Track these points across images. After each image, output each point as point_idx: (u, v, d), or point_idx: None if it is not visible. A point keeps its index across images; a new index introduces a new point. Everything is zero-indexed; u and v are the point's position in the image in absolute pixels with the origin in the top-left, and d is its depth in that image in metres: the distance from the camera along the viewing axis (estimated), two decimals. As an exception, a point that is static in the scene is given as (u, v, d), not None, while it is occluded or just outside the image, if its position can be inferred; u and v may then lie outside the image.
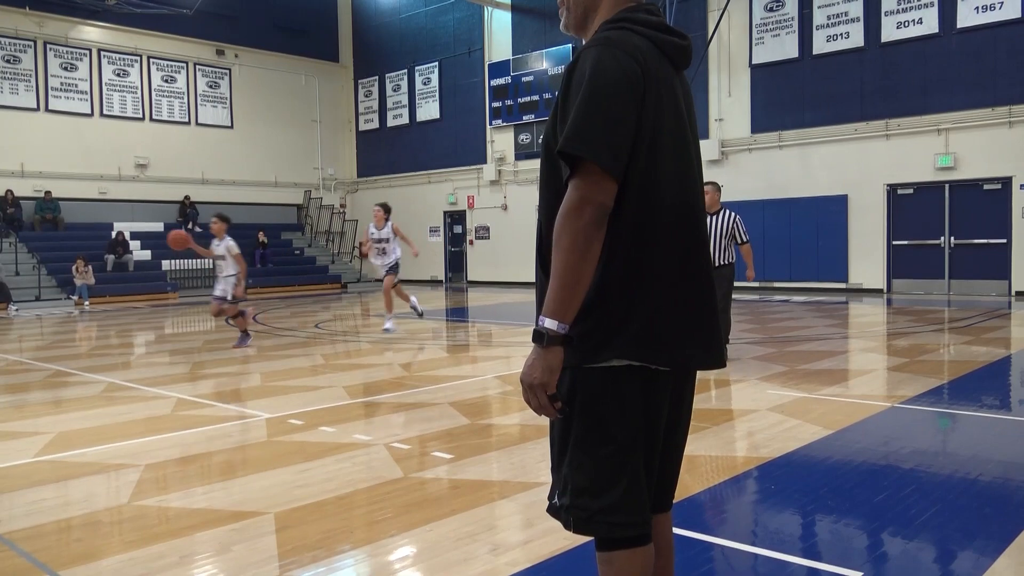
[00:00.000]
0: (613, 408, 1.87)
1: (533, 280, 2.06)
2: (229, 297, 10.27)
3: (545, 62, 22.38)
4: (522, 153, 23.28)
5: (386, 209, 11.85)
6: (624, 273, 1.84)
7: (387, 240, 11.63)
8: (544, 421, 5.60)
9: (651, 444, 1.96)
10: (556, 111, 1.89)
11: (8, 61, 21.28)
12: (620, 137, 1.78)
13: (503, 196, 23.84)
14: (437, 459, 4.79)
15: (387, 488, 4.22)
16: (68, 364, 9.27)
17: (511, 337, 11.41)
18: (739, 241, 8.06)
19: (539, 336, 1.79)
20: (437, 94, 25.52)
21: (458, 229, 25.67)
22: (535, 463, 4.64)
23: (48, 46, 21.91)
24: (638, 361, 1.85)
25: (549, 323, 1.78)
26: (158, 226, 23.40)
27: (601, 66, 1.80)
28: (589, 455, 1.88)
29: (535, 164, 22.47)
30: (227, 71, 25.45)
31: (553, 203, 1.89)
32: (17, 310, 17.87)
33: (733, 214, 7.98)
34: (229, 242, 10.28)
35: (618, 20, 1.92)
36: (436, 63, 25.37)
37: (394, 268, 11.82)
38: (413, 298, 12.44)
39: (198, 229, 23.78)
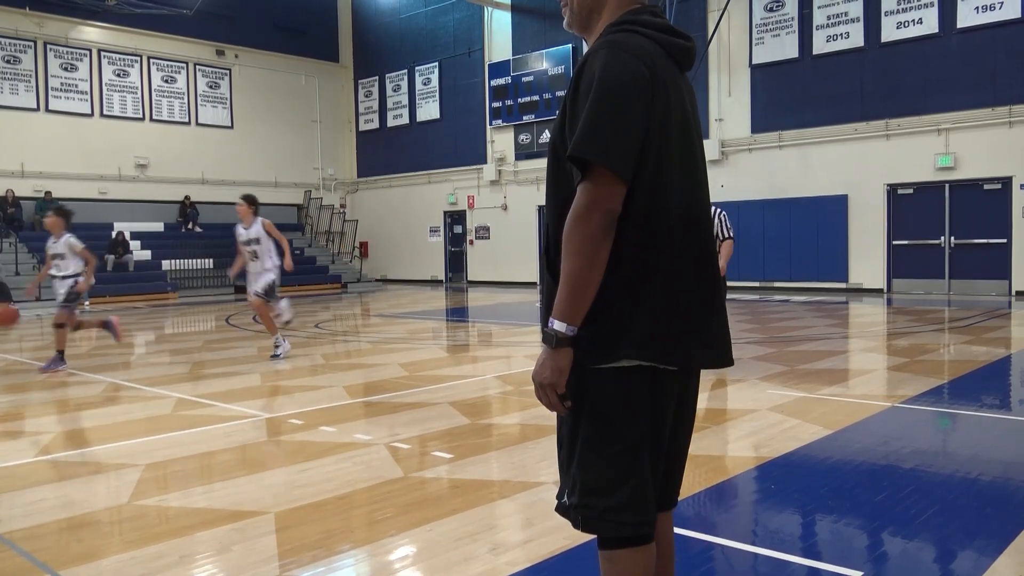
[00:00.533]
0: (621, 408, 1.89)
1: (533, 280, 2.07)
2: (75, 301, 9.09)
3: (545, 62, 22.38)
4: (522, 153, 23.27)
5: (250, 202, 9.44)
6: (631, 275, 1.85)
7: (257, 241, 9.29)
8: (545, 421, 5.61)
9: (658, 443, 1.97)
10: (564, 114, 1.90)
11: (8, 61, 21.28)
12: (630, 141, 1.79)
13: (503, 196, 23.84)
14: (437, 459, 4.79)
15: (387, 488, 4.22)
16: (69, 364, 9.26)
17: (511, 337, 11.41)
18: (721, 237, 7.82)
19: (548, 337, 1.84)
20: (437, 94, 25.52)
21: (458, 229, 25.67)
22: (535, 463, 4.64)
23: (48, 46, 21.92)
24: (646, 361, 1.86)
25: (558, 325, 1.81)
26: (158, 226, 23.40)
27: (610, 69, 1.81)
28: (597, 454, 1.90)
29: (535, 164, 22.48)
30: (227, 71, 25.46)
31: (560, 206, 1.90)
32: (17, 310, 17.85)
33: (718, 210, 7.80)
34: (70, 239, 9.24)
35: (623, 22, 1.93)
36: (436, 63, 25.37)
37: (269, 291, 9.46)
38: (280, 338, 9.52)
39: (199, 229, 23.83)
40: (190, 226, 23.91)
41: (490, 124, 23.99)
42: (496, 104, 23.65)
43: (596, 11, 2.02)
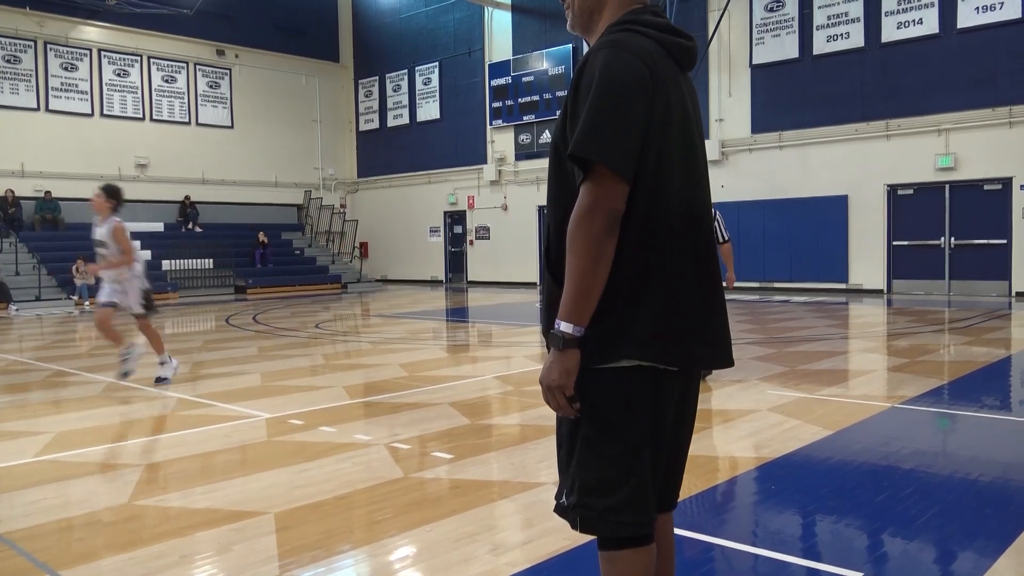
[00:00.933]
0: (621, 408, 1.88)
1: (533, 281, 2.07)
2: None
3: (545, 62, 22.38)
4: (522, 153, 23.28)
5: (109, 194, 7.60)
6: (632, 275, 1.85)
7: (104, 244, 7.55)
8: (545, 421, 5.60)
9: (658, 444, 1.97)
10: (565, 114, 1.90)
11: (8, 61, 21.28)
12: (631, 140, 1.79)
13: (503, 196, 23.84)
14: (437, 459, 4.79)
15: (387, 488, 4.22)
16: (68, 364, 9.27)
17: (511, 337, 11.41)
18: (719, 240, 7.58)
19: (556, 339, 1.83)
20: (437, 94, 25.52)
21: (458, 229, 25.67)
22: (535, 463, 4.63)
23: (48, 46, 21.92)
24: (647, 361, 1.86)
25: (565, 326, 1.81)
26: (158, 226, 23.39)
27: (610, 69, 1.81)
28: (597, 455, 1.90)
29: (535, 164, 22.48)
30: (227, 71, 25.45)
31: (562, 207, 1.90)
32: (17, 310, 17.87)
33: (715, 212, 7.58)
34: None
35: (624, 22, 1.93)
36: (436, 63, 25.37)
37: (148, 304, 7.68)
38: (130, 352, 7.65)
39: (198, 229, 23.83)
40: (190, 226, 23.91)
41: (490, 124, 23.99)
42: (496, 104, 23.65)
43: (597, 12, 2.02)
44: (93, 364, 9.32)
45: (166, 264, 21.97)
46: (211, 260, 22.71)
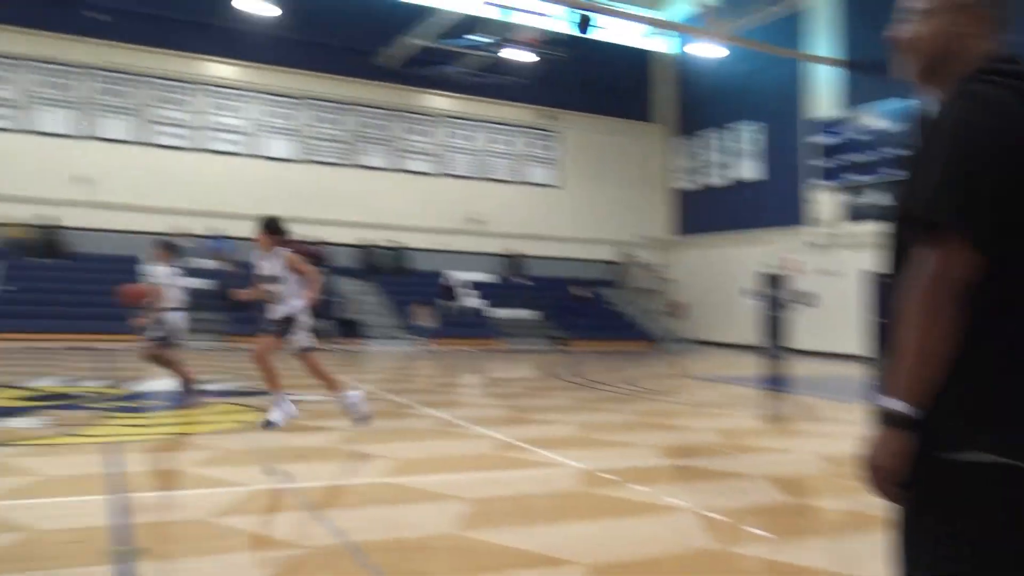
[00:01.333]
0: (971, 511, 1.62)
1: (862, 353, 1.88)
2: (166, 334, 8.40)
3: (880, 119, 20.85)
4: (852, 215, 21.79)
5: (272, 228, 7.22)
6: (986, 353, 1.60)
7: (278, 279, 7.13)
8: (877, 511, 5.06)
9: (1019, 561, 1.66)
10: (912, 171, 1.73)
11: (380, 129, 24.85)
12: (986, 203, 1.58)
13: (830, 260, 22.43)
14: (753, 535, 4.52)
15: (699, 559, 4.06)
16: (409, 397, 10.27)
17: (837, 413, 10.58)
18: None
19: (883, 417, 1.64)
20: (760, 152, 24.93)
21: (779, 293, 24.56)
22: (863, 556, 4.18)
23: (405, 115, 25.31)
24: (1004, 458, 1.59)
25: (895, 404, 1.61)
26: (489, 276, 25.39)
27: (965, 125, 1.62)
28: (942, 566, 1.65)
29: (867, 227, 20.89)
30: (555, 134, 27.28)
31: (906, 272, 1.71)
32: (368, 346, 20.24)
33: None
34: (163, 267, 8.52)
35: (980, 71, 1.71)
36: (759, 121, 24.83)
37: (282, 325, 7.15)
38: (352, 395, 7.57)
39: (524, 282, 25.43)
40: (518, 278, 25.62)
41: (817, 184, 22.82)
42: (824, 163, 22.45)
43: (946, 61, 1.81)
44: (429, 399, 10.24)
45: (494, 312, 23.70)
46: (534, 311, 24.06)
